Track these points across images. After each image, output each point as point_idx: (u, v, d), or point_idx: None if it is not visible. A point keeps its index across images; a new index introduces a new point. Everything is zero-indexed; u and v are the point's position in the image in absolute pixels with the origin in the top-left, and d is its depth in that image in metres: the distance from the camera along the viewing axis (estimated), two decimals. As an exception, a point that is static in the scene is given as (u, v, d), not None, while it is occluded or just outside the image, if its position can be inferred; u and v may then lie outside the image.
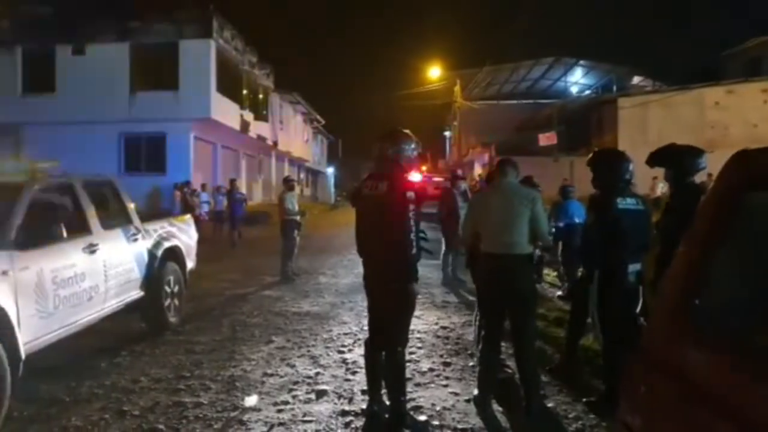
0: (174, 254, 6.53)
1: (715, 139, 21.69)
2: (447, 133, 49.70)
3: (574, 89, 38.76)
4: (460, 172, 11.74)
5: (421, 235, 3.85)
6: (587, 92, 37.59)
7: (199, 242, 7.89)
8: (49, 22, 16.67)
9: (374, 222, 3.82)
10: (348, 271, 10.71)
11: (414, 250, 3.71)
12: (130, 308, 5.82)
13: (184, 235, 7.02)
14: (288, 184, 10.68)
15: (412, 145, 3.98)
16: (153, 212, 8.93)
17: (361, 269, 4.14)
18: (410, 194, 3.72)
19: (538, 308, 5.88)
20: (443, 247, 9.47)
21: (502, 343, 4.53)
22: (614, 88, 33.65)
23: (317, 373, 5.07)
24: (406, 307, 3.90)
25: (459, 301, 8.15)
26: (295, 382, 4.84)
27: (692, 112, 24.99)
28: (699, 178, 4.62)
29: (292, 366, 5.27)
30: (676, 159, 4.43)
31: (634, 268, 4.27)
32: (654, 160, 4.51)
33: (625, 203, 4.26)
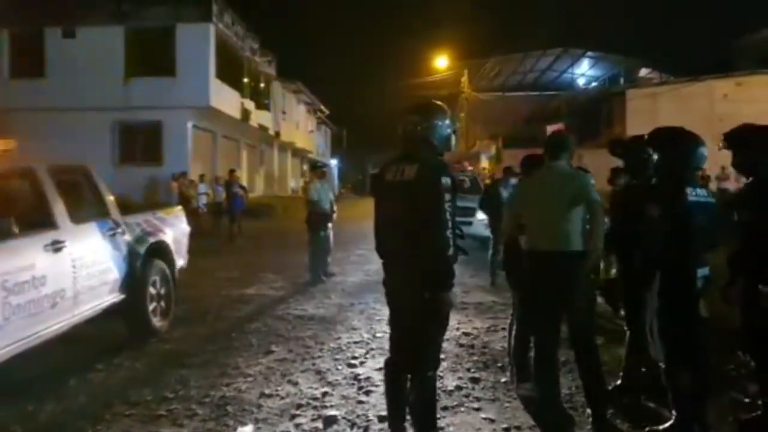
0: (161, 251, 5.75)
1: (725, 132, 20.75)
2: (452, 125, 48.81)
3: (581, 81, 37.99)
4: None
5: (457, 231, 3.06)
6: (594, 84, 36.79)
7: (196, 236, 7.14)
8: (38, 2, 15.88)
9: (400, 215, 3.03)
10: (356, 268, 9.89)
11: (451, 251, 2.92)
12: (109, 314, 5.05)
13: (173, 228, 6.23)
14: (317, 171, 9.57)
15: (447, 121, 3.19)
16: (147, 204, 8.21)
17: (370, 266, 3.48)
18: (446, 181, 2.93)
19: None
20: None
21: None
22: (622, 80, 32.86)
23: (324, 394, 4.30)
24: (440, 322, 3.12)
25: (478, 302, 7.37)
26: (299, 406, 4.07)
27: (701, 105, 24.20)
28: None
29: (295, 384, 4.50)
30: (742, 142, 3.63)
31: (702, 272, 3.51)
32: (725, 142, 3.73)
33: (696, 195, 3.50)
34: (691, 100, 24.41)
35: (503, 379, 4.57)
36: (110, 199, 5.25)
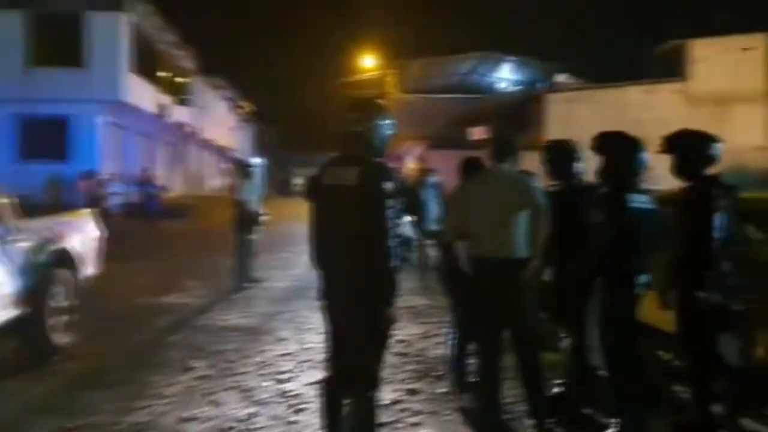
0: (65, 259, 5.18)
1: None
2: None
3: (503, 85, 39.01)
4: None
5: (400, 239, 2.85)
6: (514, 88, 37.88)
7: (108, 240, 6.55)
8: None
9: (340, 223, 2.77)
10: (281, 273, 9.48)
11: (395, 261, 2.69)
12: (3, 332, 4.46)
13: (81, 234, 5.66)
14: (244, 170, 9.06)
15: (388, 121, 2.95)
16: (51, 206, 7.50)
17: (297, 270, 3.25)
18: (389, 185, 2.71)
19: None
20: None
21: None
22: (541, 84, 34.05)
23: (251, 414, 3.96)
24: (382, 339, 2.89)
25: (410, 306, 7.19)
26: (223, 429, 3.72)
27: (614, 110, 25.39)
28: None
29: (218, 404, 4.13)
30: (682, 147, 3.66)
31: (644, 279, 3.50)
32: (664, 146, 3.75)
33: (638, 201, 3.48)
34: (604, 106, 25.60)
35: (442, 390, 4.40)
36: (2, 201, 4.64)
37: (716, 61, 24.53)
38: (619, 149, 3.54)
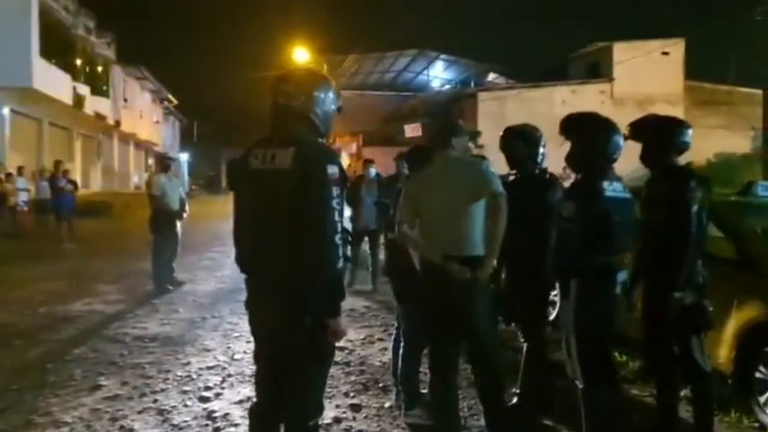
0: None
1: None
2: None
3: (435, 83, 39.28)
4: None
5: (346, 236, 2.36)
6: (447, 86, 38.22)
7: (14, 239, 5.72)
8: None
9: (272, 215, 2.25)
10: (208, 274, 8.76)
11: (340, 263, 2.21)
12: None
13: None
14: (162, 163, 8.31)
15: (331, 94, 2.45)
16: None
17: (224, 271, 2.75)
18: (333, 170, 2.21)
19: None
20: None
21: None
22: (472, 83, 34.54)
23: (169, 442, 3.39)
24: (325, 357, 2.40)
25: (349, 309, 6.71)
26: (134, 463, 3.13)
27: (543, 108, 26.10)
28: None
29: (131, 430, 3.52)
30: (651, 133, 3.38)
31: (622, 277, 3.14)
32: (631, 132, 3.45)
33: (613, 189, 3.10)
34: (533, 104, 26.26)
35: (387, 404, 3.96)
36: None
37: (638, 64, 25.68)
38: (592, 132, 3.17)
